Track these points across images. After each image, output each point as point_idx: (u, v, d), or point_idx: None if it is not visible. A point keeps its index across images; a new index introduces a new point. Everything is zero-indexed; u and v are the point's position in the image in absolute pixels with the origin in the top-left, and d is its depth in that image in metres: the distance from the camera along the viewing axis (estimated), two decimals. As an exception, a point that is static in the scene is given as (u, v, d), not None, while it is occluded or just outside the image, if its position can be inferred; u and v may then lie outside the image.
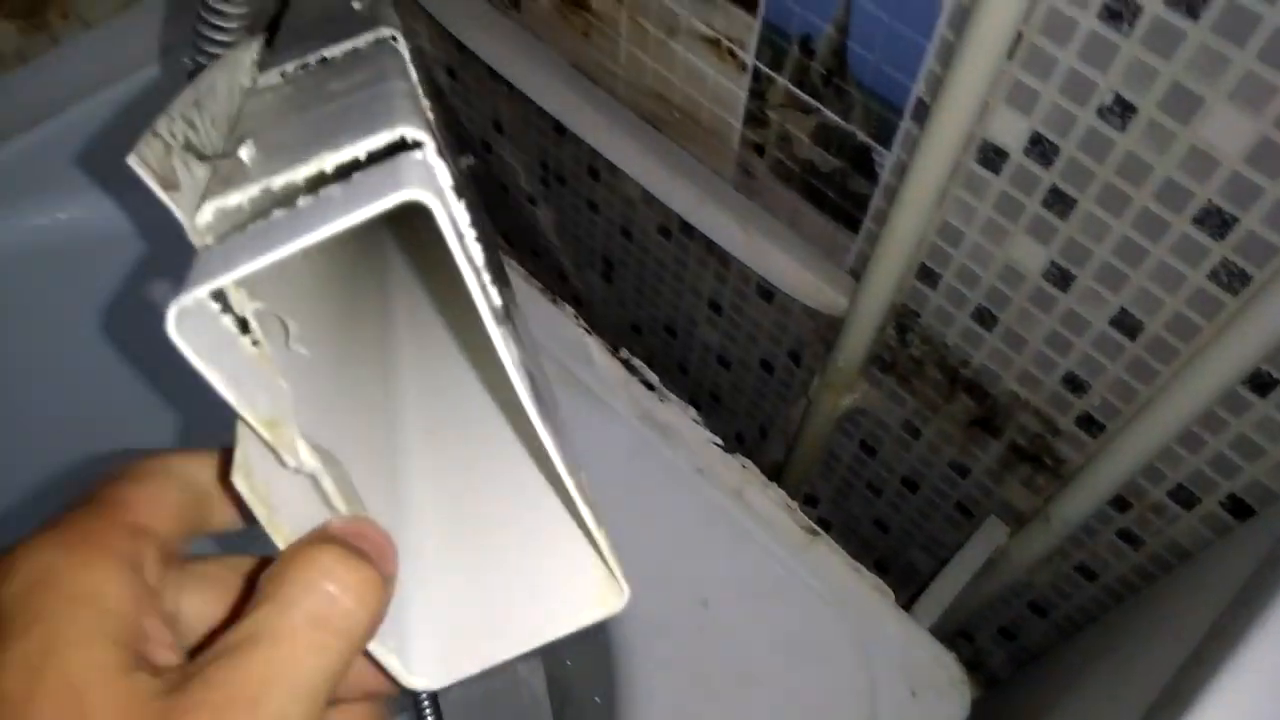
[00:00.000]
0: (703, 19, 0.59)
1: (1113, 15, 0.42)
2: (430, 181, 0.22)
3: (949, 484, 0.72)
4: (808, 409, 0.74)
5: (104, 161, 0.71)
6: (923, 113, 0.51)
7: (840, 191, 0.59)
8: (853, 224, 0.60)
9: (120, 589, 0.21)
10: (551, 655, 0.77)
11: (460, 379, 0.39)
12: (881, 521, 0.82)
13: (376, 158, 0.23)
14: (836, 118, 0.56)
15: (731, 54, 0.59)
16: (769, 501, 0.62)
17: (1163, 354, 0.51)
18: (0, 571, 0.20)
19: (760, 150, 0.63)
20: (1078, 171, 0.48)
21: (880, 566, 0.87)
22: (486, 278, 0.25)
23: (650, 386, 0.67)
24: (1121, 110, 0.44)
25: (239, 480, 0.24)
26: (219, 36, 0.37)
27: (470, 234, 0.24)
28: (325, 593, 0.22)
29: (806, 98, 0.56)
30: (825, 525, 0.90)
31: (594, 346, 0.69)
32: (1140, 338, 0.51)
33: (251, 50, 0.36)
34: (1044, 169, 0.49)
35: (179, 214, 0.25)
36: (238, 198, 0.24)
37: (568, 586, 0.30)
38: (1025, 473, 0.65)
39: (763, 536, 0.61)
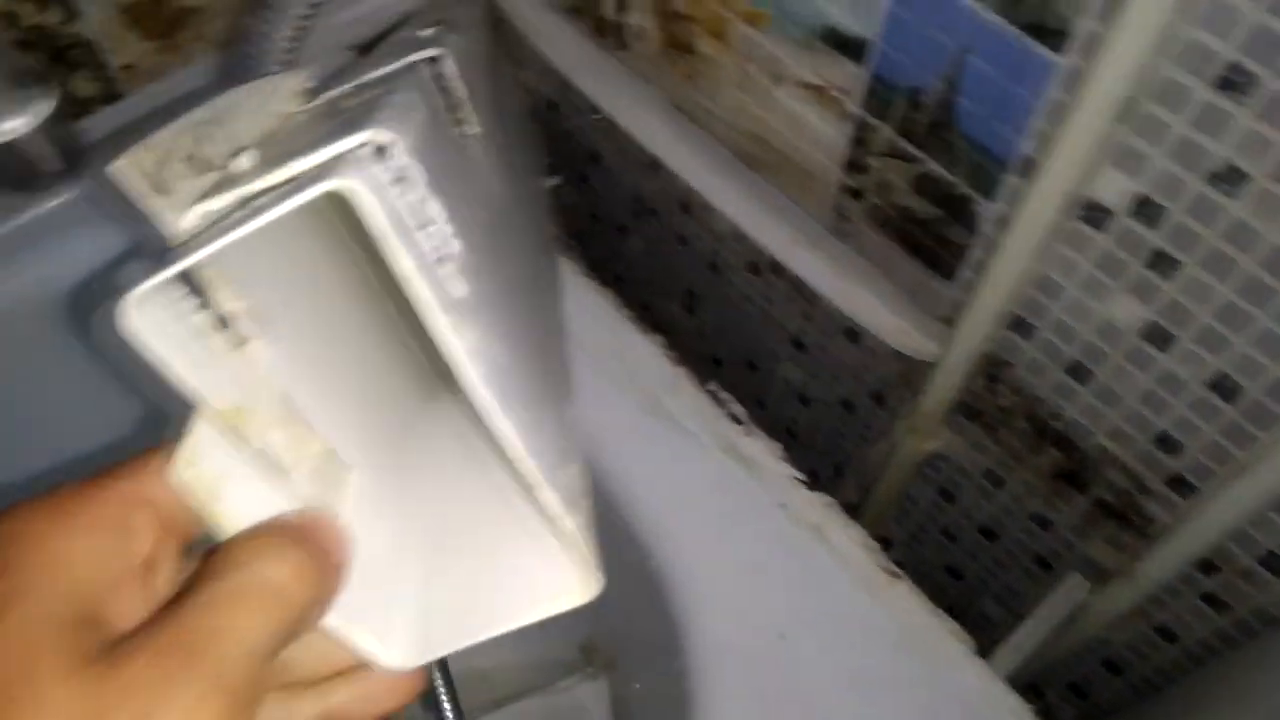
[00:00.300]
0: (810, 68, 0.60)
1: (1230, 86, 0.43)
2: (361, 173, 0.23)
3: (1029, 536, 0.71)
4: (889, 451, 0.74)
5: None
6: (1028, 168, 0.52)
7: (937, 239, 0.60)
8: (948, 271, 0.61)
9: (92, 554, 0.22)
10: (619, 676, 0.78)
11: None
12: (955, 569, 0.82)
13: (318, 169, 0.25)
14: (939, 168, 0.57)
15: (836, 102, 0.60)
16: (850, 541, 0.63)
17: (1261, 419, 0.51)
18: None
19: (858, 195, 0.64)
20: (1184, 234, 0.48)
21: (951, 613, 0.87)
22: (449, 268, 0.26)
23: (737, 420, 0.68)
24: (1233, 178, 0.45)
25: (184, 471, 0.25)
26: (262, 63, 0.38)
27: (440, 229, 0.26)
28: (261, 567, 0.23)
29: (910, 148, 0.57)
30: (903, 572, 0.90)
31: (681, 377, 0.70)
32: (1238, 402, 0.51)
33: (298, 79, 0.38)
34: (1149, 230, 0.49)
35: (161, 218, 0.26)
36: (220, 201, 0.26)
37: (545, 574, 0.31)
38: (1110, 529, 0.64)
39: (842, 575, 0.62)
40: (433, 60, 0.36)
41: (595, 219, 0.97)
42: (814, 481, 0.92)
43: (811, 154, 0.65)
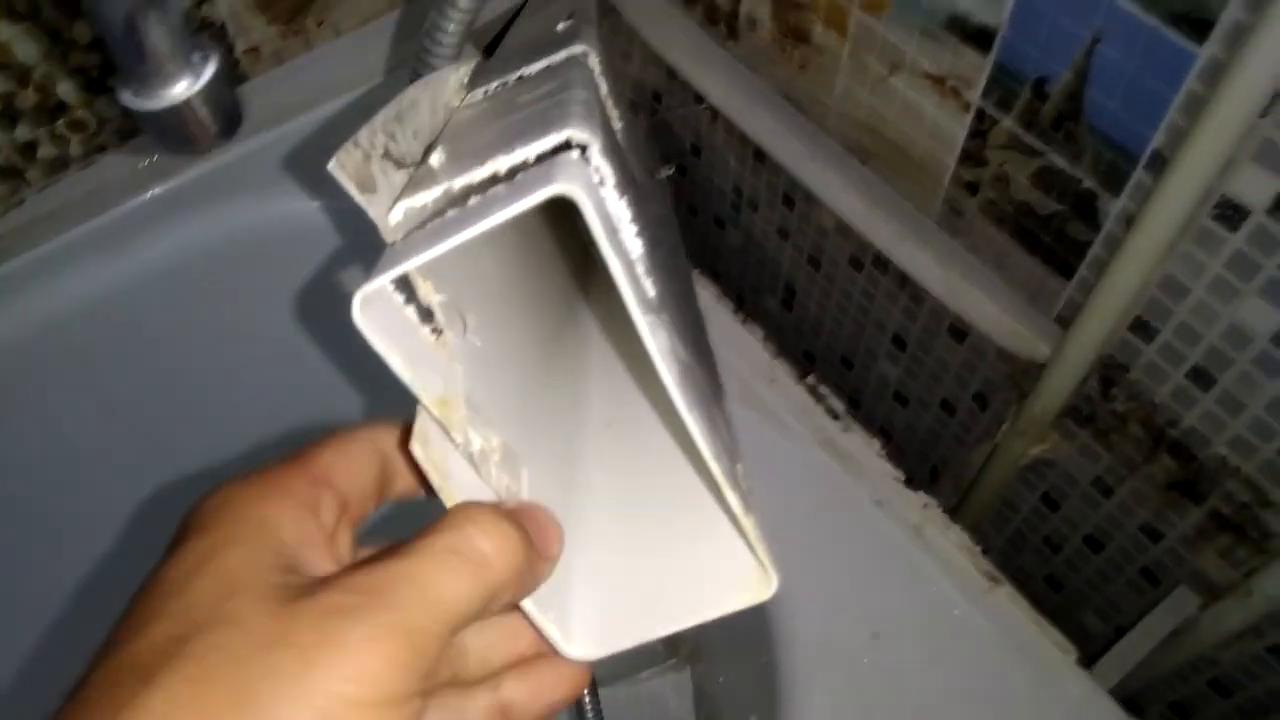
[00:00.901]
0: (930, 57, 0.59)
1: (1389, 77, 0.41)
2: (581, 177, 0.24)
3: (1138, 547, 0.69)
4: (991, 454, 0.72)
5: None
6: (1159, 163, 0.50)
7: (1056, 236, 0.59)
8: (1066, 270, 0.60)
9: (288, 521, 0.25)
10: (704, 669, 0.78)
11: (638, 376, 0.41)
12: (1055, 579, 0.80)
13: (544, 159, 0.25)
14: (1063, 162, 0.55)
15: (956, 92, 0.59)
16: (949, 543, 0.62)
17: (1404, 433, 0.49)
18: (201, 498, 0.25)
19: (973, 189, 0.63)
20: (1327, 235, 0.46)
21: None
22: (640, 269, 0.26)
23: (835, 415, 0.67)
24: (1387, 176, 0.43)
25: (416, 448, 0.27)
26: (437, 58, 0.39)
27: (628, 229, 0.26)
28: (469, 534, 0.24)
29: (1033, 140, 0.56)
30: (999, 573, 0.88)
31: (780, 370, 0.70)
32: (1379, 414, 0.49)
33: (459, 73, 0.39)
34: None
35: (372, 214, 0.28)
36: (424, 198, 0.27)
37: (720, 572, 0.31)
38: (1225, 543, 0.62)
39: (940, 576, 0.61)
40: (584, 55, 0.36)
41: (692, 211, 0.97)
42: (907, 483, 0.90)
43: (926, 146, 0.64)
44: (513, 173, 0.26)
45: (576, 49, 0.36)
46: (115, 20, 0.28)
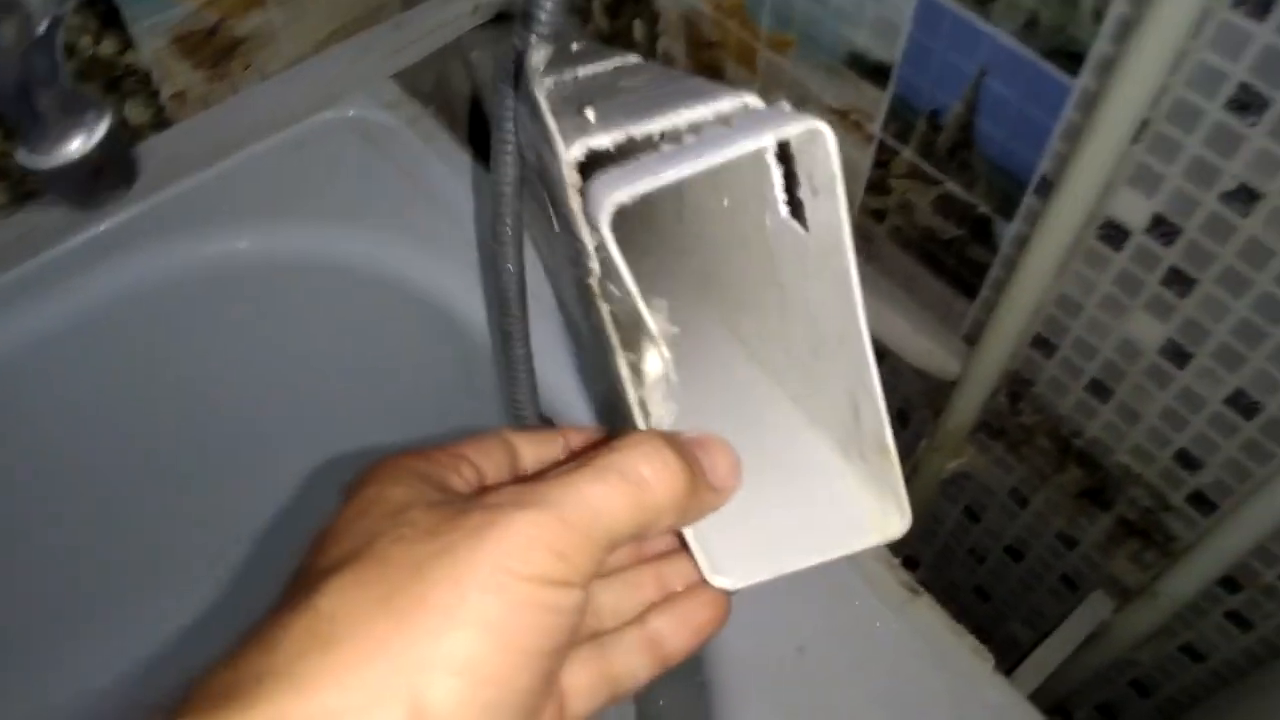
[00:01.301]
0: (833, 92, 0.62)
1: (1241, 107, 0.44)
2: (804, 120, 0.27)
3: (1055, 555, 0.72)
4: (912, 470, 0.75)
5: (271, 197, 0.77)
6: (1046, 188, 0.53)
7: (959, 259, 0.61)
8: (969, 291, 0.62)
9: (438, 470, 0.28)
10: (644, 693, 0.79)
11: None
12: (983, 589, 0.82)
13: (736, 116, 0.28)
14: (959, 190, 0.58)
15: (859, 125, 0.62)
16: (869, 555, 0.64)
17: (1278, 435, 0.52)
18: (365, 467, 0.28)
19: (880, 216, 0.65)
20: (1199, 253, 0.49)
21: (979, 635, 0.87)
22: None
23: (761, 437, 0.69)
24: (1246, 197, 0.46)
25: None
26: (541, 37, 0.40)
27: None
28: (632, 458, 0.25)
29: (931, 169, 0.59)
30: (924, 589, 0.91)
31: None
32: (1257, 418, 0.52)
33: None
34: (1165, 248, 0.50)
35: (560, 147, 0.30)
36: (604, 140, 0.29)
37: (858, 510, 0.32)
38: (1134, 547, 0.65)
39: (862, 590, 0.62)
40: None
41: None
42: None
43: (835, 176, 0.66)
44: (695, 128, 0.28)
45: (631, 57, 0.37)
46: (5, 84, 0.30)
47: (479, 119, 0.86)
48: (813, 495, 0.33)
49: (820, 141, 0.27)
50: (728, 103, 0.28)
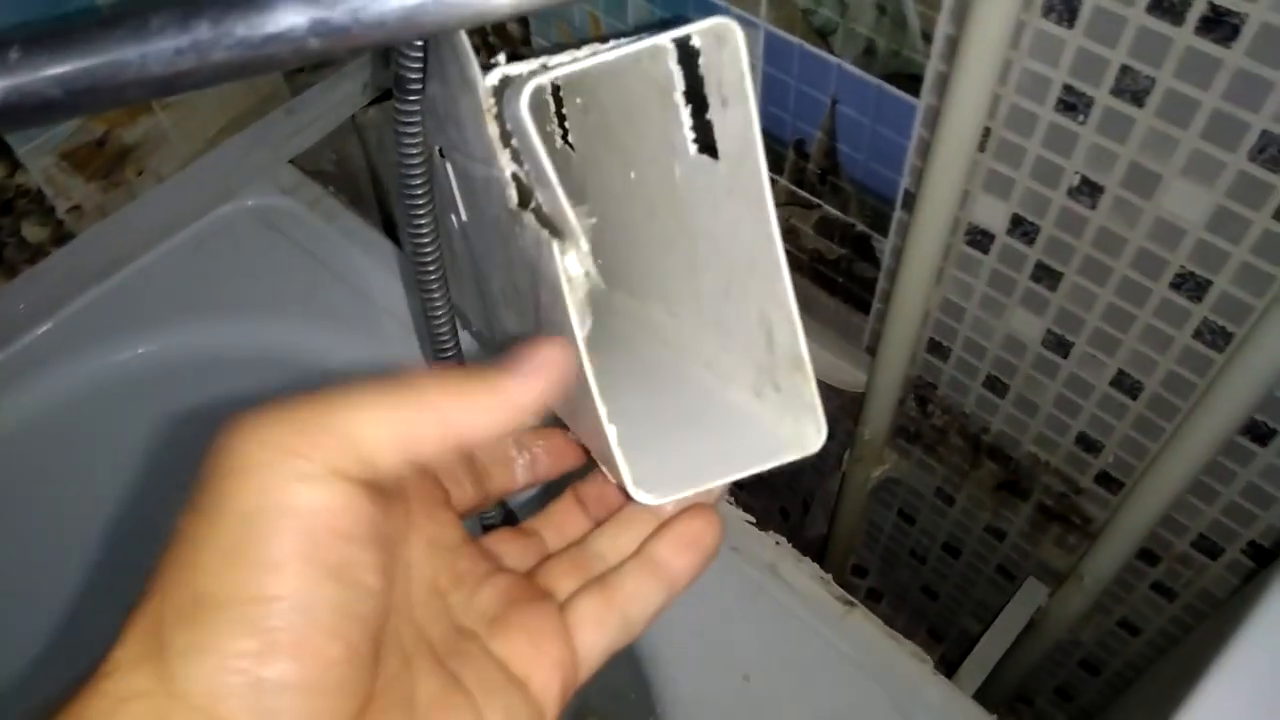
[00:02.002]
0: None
1: (1068, 107, 0.46)
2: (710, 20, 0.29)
3: (987, 548, 0.73)
4: (842, 481, 0.76)
5: (179, 297, 0.78)
6: (910, 202, 0.55)
7: (848, 276, 0.63)
8: (862, 305, 0.64)
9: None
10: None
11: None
12: (929, 589, 0.84)
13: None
14: (836, 211, 0.60)
15: (736, 159, 0.64)
16: (803, 575, 0.65)
17: (1164, 411, 0.53)
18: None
19: (771, 243, 0.67)
20: (1059, 247, 0.51)
21: (934, 634, 0.88)
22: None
23: (686, 471, 0.70)
24: (1090, 190, 0.48)
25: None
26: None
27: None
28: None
29: (806, 195, 0.61)
30: (876, 595, 0.92)
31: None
32: (1141, 397, 0.54)
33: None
34: (1028, 246, 0.52)
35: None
36: (520, 68, 0.32)
37: (772, 438, 0.34)
38: (1056, 532, 0.66)
39: (800, 609, 0.63)
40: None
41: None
42: (784, 518, 0.94)
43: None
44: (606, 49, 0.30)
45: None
46: None
47: (381, 191, 0.87)
48: (732, 433, 0.34)
49: (730, 39, 0.28)
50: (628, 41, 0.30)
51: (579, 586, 0.30)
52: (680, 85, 0.31)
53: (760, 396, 0.35)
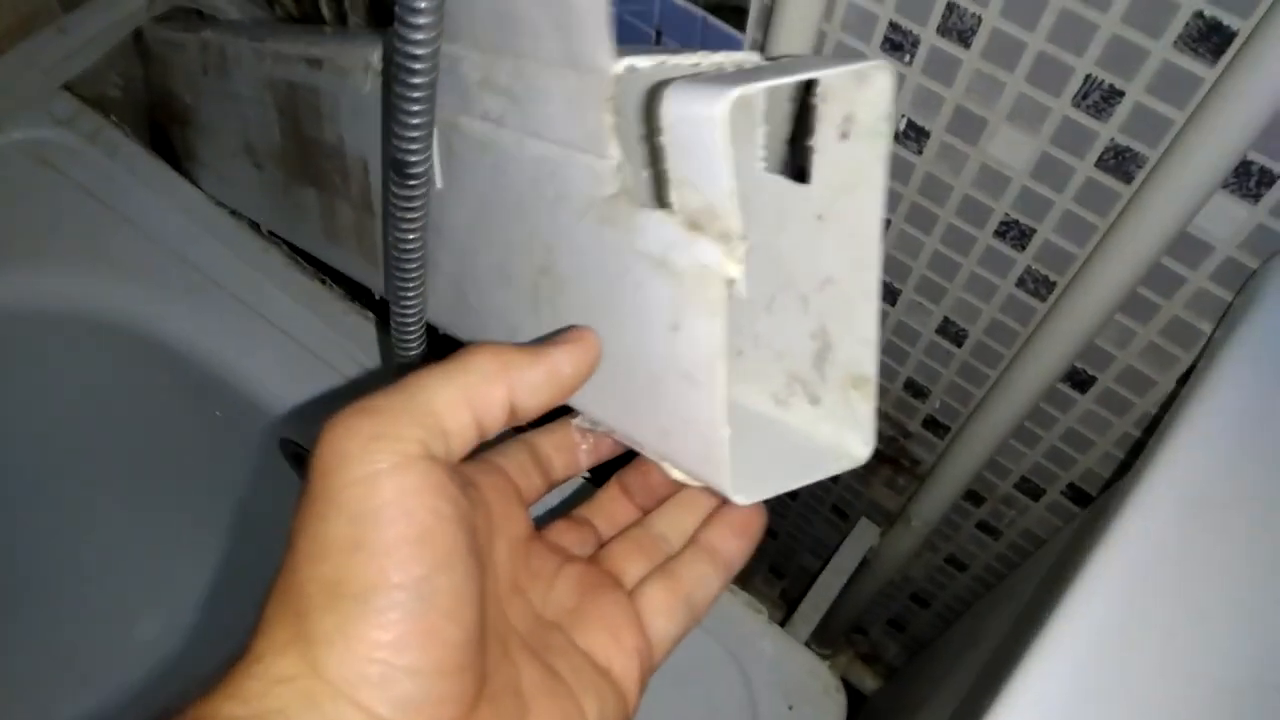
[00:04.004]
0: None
1: (895, 46, 0.43)
2: (867, 61, 0.30)
3: (822, 489, 0.73)
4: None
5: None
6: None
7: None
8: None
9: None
10: None
11: None
12: (769, 529, 0.83)
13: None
14: (662, 151, 0.56)
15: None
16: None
17: (988, 358, 0.53)
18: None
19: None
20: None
21: (775, 571, 0.89)
22: None
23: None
24: (916, 135, 0.46)
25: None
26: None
27: None
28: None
29: (632, 133, 0.57)
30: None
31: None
32: (966, 344, 0.53)
33: None
34: None
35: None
36: (645, 61, 0.32)
37: (817, 446, 0.35)
38: (887, 474, 0.66)
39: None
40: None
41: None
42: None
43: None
44: (734, 64, 0.32)
45: None
46: None
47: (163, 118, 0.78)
48: (771, 438, 0.36)
49: (876, 82, 0.30)
50: (739, 55, 0.33)
51: (646, 572, 0.33)
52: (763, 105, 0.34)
53: (783, 405, 0.36)
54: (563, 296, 0.37)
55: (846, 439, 0.35)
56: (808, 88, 0.32)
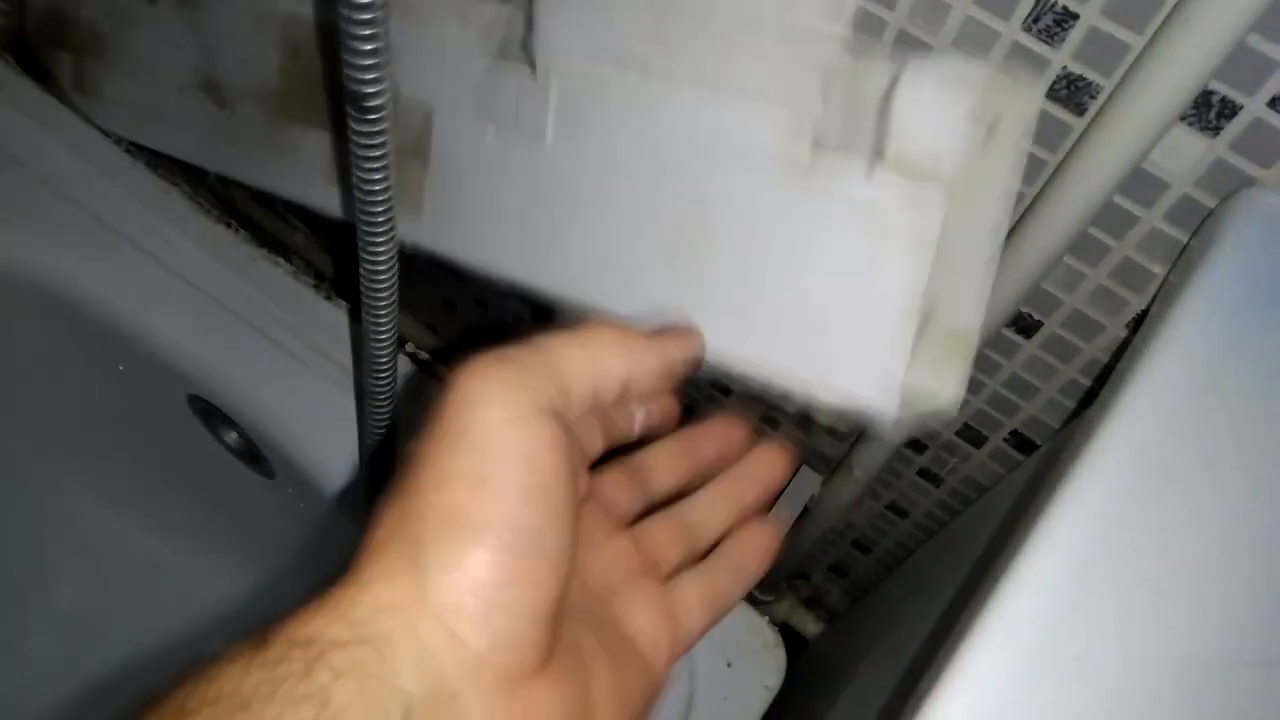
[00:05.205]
0: None
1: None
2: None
3: (763, 436, 0.71)
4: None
5: None
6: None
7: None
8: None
9: None
10: None
11: None
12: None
13: None
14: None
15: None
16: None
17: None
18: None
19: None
20: (826, 126, 0.46)
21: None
22: None
23: (439, 377, 0.63)
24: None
25: None
26: None
27: None
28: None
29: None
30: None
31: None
32: (910, 287, 0.51)
33: None
34: (794, 125, 0.47)
35: None
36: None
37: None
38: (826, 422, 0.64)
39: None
40: None
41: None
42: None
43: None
44: None
45: None
46: None
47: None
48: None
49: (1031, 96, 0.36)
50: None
51: (679, 559, 0.34)
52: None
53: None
54: (713, 245, 0.40)
55: (934, 381, 0.39)
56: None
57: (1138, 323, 0.44)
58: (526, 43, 0.43)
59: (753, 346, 0.41)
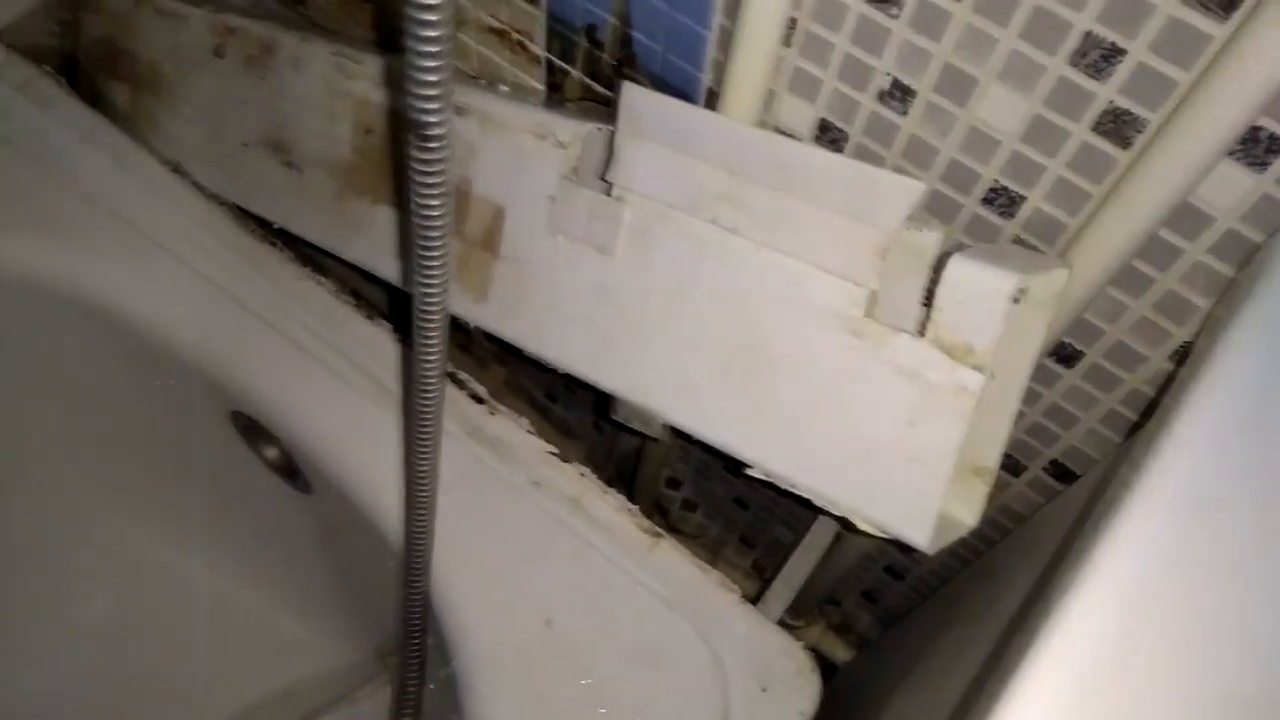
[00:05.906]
0: (488, 8, 0.55)
1: (880, -1, 0.40)
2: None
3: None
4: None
5: None
6: (715, 101, 0.49)
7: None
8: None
9: None
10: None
11: None
12: (741, 499, 0.82)
13: None
14: (631, 110, 0.53)
15: (522, 46, 0.56)
16: (609, 507, 0.60)
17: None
18: None
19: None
20: (867, 156, 0.46)
21: (745, 542, 0.87)
22: None
23: (479, 400, 0.64)
24: (901, 94, 0.43)
25: None
26: None
27: None
28: None
29: (601, 89, 0.53)
30: (691, 506, 0.90)
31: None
32: (950, 316, 0.51)
33: None
34: (837, 153, 0.47)
35: None
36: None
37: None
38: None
39: (605, 545, 0.59)
40: None
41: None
42: (598, 432, 0.89)
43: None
44: None
45: None
46: None
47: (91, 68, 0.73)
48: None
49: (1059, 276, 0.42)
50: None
51: None
52: None
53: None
54: (770, 371, 0.45)
55: (960, 512, 0.45)
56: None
57: (1181, 354, 0.44)
58: (605, 168, 0.47)
59: (800, 468, 0.47)
